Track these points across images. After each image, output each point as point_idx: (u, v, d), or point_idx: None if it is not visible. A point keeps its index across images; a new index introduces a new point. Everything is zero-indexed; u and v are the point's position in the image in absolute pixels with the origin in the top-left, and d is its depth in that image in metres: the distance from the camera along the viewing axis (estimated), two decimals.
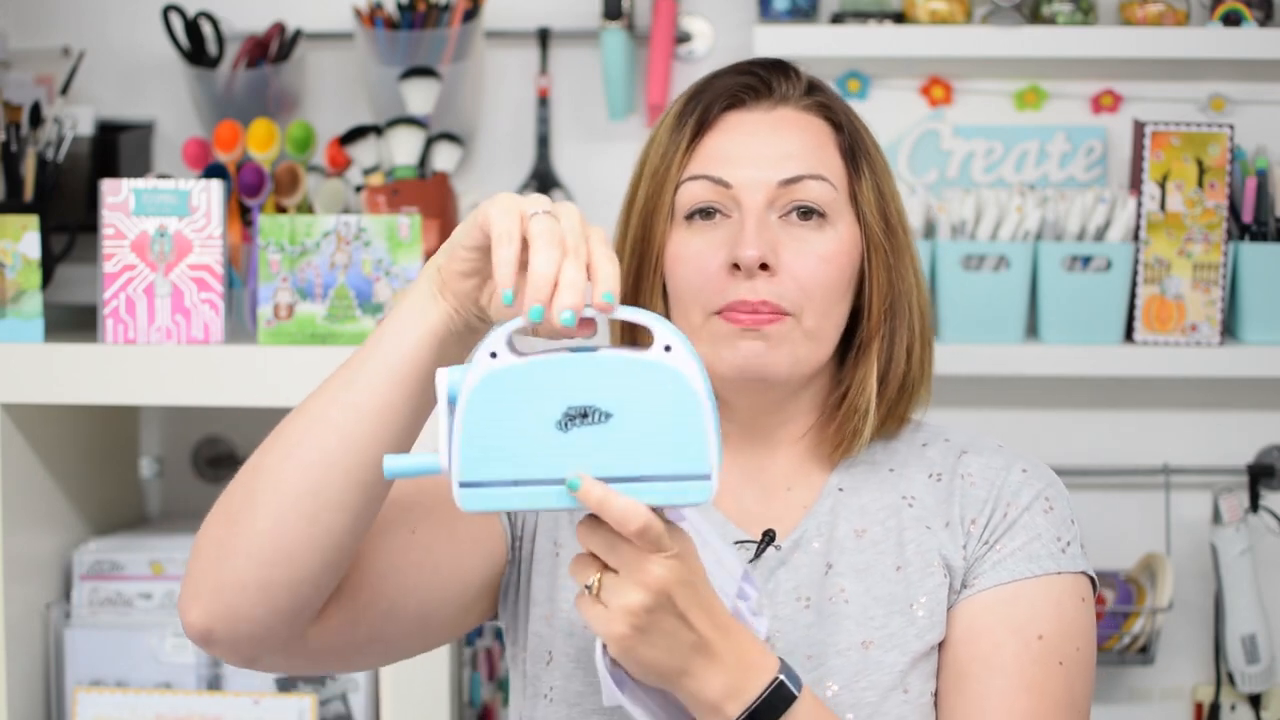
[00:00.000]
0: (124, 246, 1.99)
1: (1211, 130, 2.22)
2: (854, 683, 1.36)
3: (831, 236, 1.39)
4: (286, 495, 1.23)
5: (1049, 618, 1.37)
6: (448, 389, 1.15)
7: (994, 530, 1.39)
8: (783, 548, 1.41)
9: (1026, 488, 1.41)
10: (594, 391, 1.14)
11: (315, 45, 2.39)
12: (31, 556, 2.09)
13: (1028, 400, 2.38)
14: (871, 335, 1.42)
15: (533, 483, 1.15)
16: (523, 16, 2.39)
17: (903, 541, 1.40)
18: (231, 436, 2.46)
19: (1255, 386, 2.35)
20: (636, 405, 1.14)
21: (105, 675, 2.10)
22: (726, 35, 2.38)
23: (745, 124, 1.42)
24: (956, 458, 1.44)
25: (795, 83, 1.44)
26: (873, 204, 1.42)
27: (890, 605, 1.38)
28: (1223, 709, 2.34)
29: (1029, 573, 1.37)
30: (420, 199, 2.19)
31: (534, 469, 1.14)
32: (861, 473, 1.44)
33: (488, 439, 1.14)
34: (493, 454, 1.14)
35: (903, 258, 1.43)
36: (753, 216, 1.37)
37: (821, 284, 1.38)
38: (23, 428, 2.05)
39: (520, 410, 1.14)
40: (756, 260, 1.35)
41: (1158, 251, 2.23)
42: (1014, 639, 1.35)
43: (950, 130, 2.37)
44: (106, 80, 2.43)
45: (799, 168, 1.39)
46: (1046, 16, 2.27)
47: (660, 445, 1.14)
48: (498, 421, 1.14)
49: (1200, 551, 2.36)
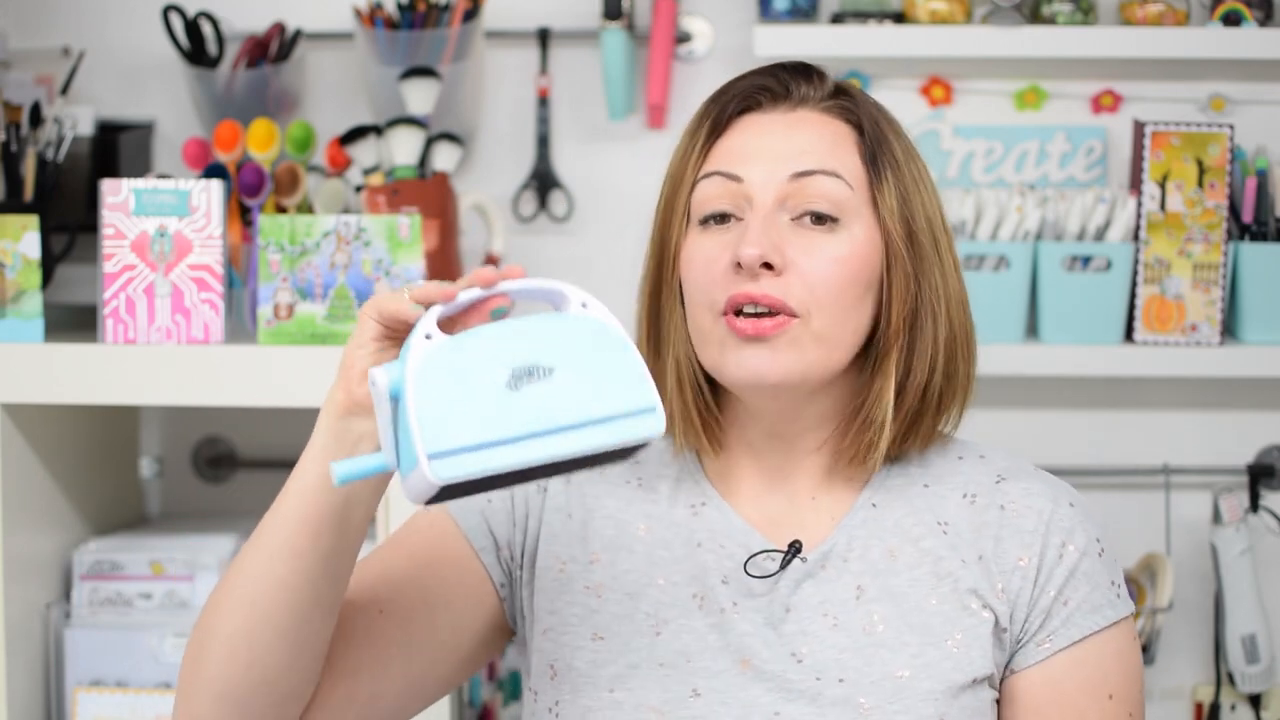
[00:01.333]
0: (124, 246, 1.99)
1: (1211, 130, 2.22)
2: (888, 705, 1.34)
3: (845, 239, 1.36)
4: (225, 641, 1.28)
5: (1116, 673, 1.38)
6: (385, 381, 1.17)
7: (1049, 574, 1.37)
8: (809, 560, 1.38)
9: (1080, 529, 1.39)
10: (533, 351, 1.18)
11: (315, 45, 2.39)
12: (31, 556, 2.09)
13: (1028, 400, 2.38)
14: (889, 345, 1.38)
15: (502, 442, 1.15)
16: (523, 16, 2.40)
17: (938, 574, 1.37)
18: (231, 436, 2.46)
19: (1255, 386, 2.35)
20: (574, 357, 1.18)
21: (105, 675, 2.10)
22: (726, 35, 2.38)
23: (760, 124, 1.40)
24: (994, 482, 1.41)
25: (818, 85, 1.41)
26: (894, 210, 1.38)
27: (925, 635, 1.36)
28: (1223, 709, 2.34)
29: (1093, 626, 1.37)
30: (420, 199, 2.19)
31: (498, 428, 1.16)
32: (896, 487, 1.42)
33: (443, 410, 1.15)
34: (452, 422, 1.15)
35: (929, 266, 1.39)
36: (759, 216, 1.35)
37: (830, 285, 1.35)
38: (23, 428, 2.05)
39: (468, 379, 1.16)
40: (758, 259, 1.33)
41: (1158, 251, 2.23)
42: (1093, 705, 1.36)
43: (950, 130, 2.37)
44: (106, 80, 2.43)
45: (812, 162, 1.37)
46: (1046, 16, 2.27)
47: (605, 390, 1.18)
48: (449, 393, 1.16)
49: (1200, 551, 2.36)
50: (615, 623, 1.39)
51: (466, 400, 1.16)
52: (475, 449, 1.15)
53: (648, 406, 1.18)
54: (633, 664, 1.38)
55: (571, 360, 1.18)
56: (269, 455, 2.45)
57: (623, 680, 1.37)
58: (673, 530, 1.42)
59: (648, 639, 1.38)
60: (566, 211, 2.41)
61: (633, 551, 1.41)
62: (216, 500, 2.45)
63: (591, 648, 1.39)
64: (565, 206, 2.41)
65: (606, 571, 1.41)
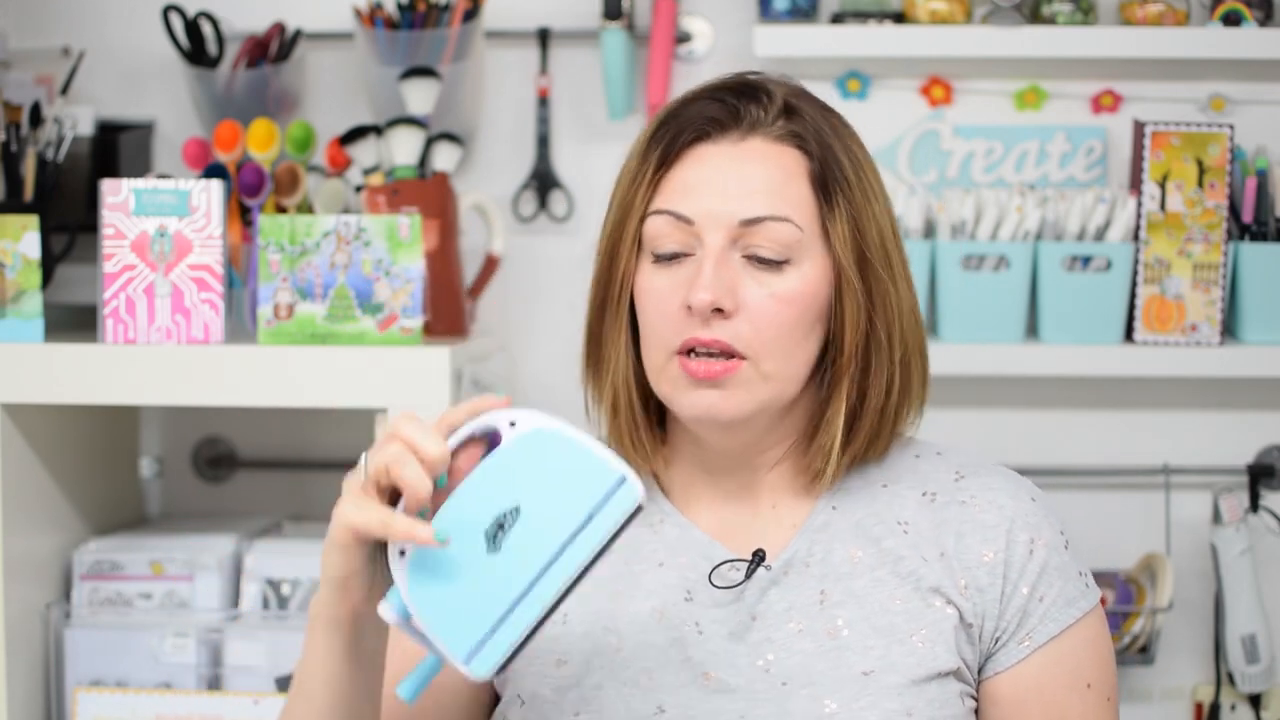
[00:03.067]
0: (124, 246, 1.99)
1: (1211, 130, 2.22)
2: (853, 703, 1.35)
3: (794, 277, 1.37)
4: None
5: (1091, 661, 1.39)
6: (395, 613, 1.20)
7: (1020, 572, 1.38)
8: (773, 568, 1.40)
9: (1045, 524, 1.41)
10: (492, 503, 1.18)
11: (315, 45, 2.39)
12: (31, 556, 2.09)
13: (1028, 400, 2.38)
14: (841, 373, 1.39)
15: (513, 606, 1.17)
16: (523, 16, 2.39)
17: (900, 573, 1.38)
18: (231, 436, 2.46)
19: (1255, 386, 2.35)
20: (530, 483, 1.18)
21: (105, 675, 2.10)
22: (726, 35, 2.38)
23: (711, 157, 1.39)
24: (953, 479, 1.42)
25: (768, 107, 1.40)
26: (845, 238, 1.38)
27: (890, 636, 1.37)
28: (1223, 709, 2.34)
29: (1069, 619, 1.39)
30: (420, 199, 2.19)
31: (503, 598, 1.17)
32: (855, 489, 1.43)
33: (451, 612, 1.17)
34: (465, 619, 1.17)
35: (882, 289, 1.39)
36: (711, 257, 1.35)
37: (778, 326, 1.36)
38: (23, 428, 2.05)
39: (455, 570, 1.18)
40: (709, 305, 1.34)
41: (1158, 251, 2.23)
42: (1073, 697, 1.38)
43: (950, 130, 2.37)
44: (106, 80, 2.43)
45: (762, 207, 1.36)
46: (1046, 16, 2.27)
47: (573, 494, 1.17)
48: (448, 593, 1.17)
49: (1200, 551, 2.35)
50: (578, 643, 1.40)
51: (464, 593, 1.17)
52: (495, 629, 1.16)
53: (617, 480, 1.17)
54: (597, 684, 1.39)
55: (530, 488, 1.18)
56: (269, 455, 2.45)
57: (587, 702, 1.38)
58: (632, 549, 1.42)
59: (608, 658, 1.39)
60: (566, 211, 2.41)
61: (594, 574, 1.42)
62: (216, 500, 2.45)
63: (556, 675, 1.40)
64: (565, 206, 2.41)
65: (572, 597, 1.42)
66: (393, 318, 1.97)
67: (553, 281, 2.41)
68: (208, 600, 2.12)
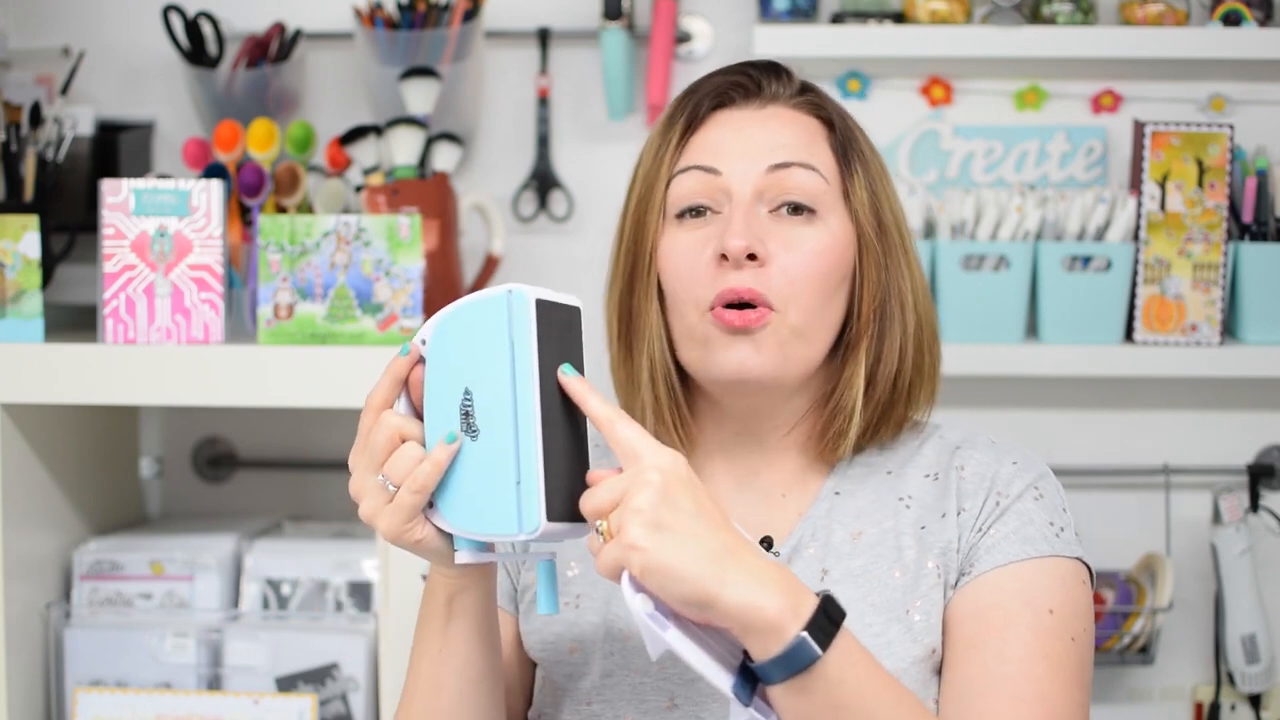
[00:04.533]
0: (124, 246, 1.99)
1: (1211, 130, 2.22)
2: None
3: (823, 231, 1.39)
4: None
5: (1057, 594, 1.35)
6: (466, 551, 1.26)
7: (986, 518, 1.38)
8: (781, 554, 1.40)
9: (1018, 478, 1.40)
10: (449, 405, 1.23)
11: (315, 45, 2.39)
12: (31, 556, 2.09)
13: (1028, 400, 2.38)
14: (860, 334, 1.41)
15: (518, 466, 1.21)
16: (523, 16, 2.40)
17: (900, 546, 1.39)
18: (231, 436, 2.46)
19: (1255, 386, 2.35)
20: (460, 365, 1.23)
21: (105, 675, 2.10)
22: (726, 35, 2.38)
23: (735, 119, 1.42)
24: (951, 454, 1.44)
25: (787, 83, 1.45)
26: (865, 202, 1.41)
27: (888, 613, 1.37)
28: (1223, 709, 2.34)
29: (1024, 554, 1.36)
30: (420, 199, 2.19)
31: (506, 464, 1.22)
32: (858, 475, 1.44)
33: (485, 509, 1.24)
34: (495, 503, 1.24)
35: (897, 258, 1.42)
36: (741, 208, 1.37)
37: (810, 278, 1.37)
38: (23, 428, 2.05)
39: (463, 479, 1.24)
40: (743, 250, 1.35)
41: (1158, 251, 2.23)
42: (1027, 611, 1.34)
43: (950, 130, 2.37)
44: (106, 80, 2.43)
45: (788, 155, 1.39)
46: (1046, 16, 2.28)
47: (487, 342, 1.23)
48: (473, 500, 1.24)
49: (1200, 551, 2.36)
50: (591, 632, 1.41)
51: (482, 487, 1.23)
52: (518, 490, 1.21)
53: (504, 301, 1.22)
54: (607, 672, 1.39)
55: (462, 368, 1.23)
56: (269, 455, 2.45)
57: (599, 692, 1.39)
58: None
59: (619, 644, 1.40)
60: (566, 211, 2.41)
61: None
62: (216, 500, 2.45)
63: (570, 661, 1.41)
64: (565, 206, 2.41)
65: (585, 580, 1.44)
66: (393, 318, 1.97)
67: (553, 281, 2.40)
68: (208, 600, 2.12)
